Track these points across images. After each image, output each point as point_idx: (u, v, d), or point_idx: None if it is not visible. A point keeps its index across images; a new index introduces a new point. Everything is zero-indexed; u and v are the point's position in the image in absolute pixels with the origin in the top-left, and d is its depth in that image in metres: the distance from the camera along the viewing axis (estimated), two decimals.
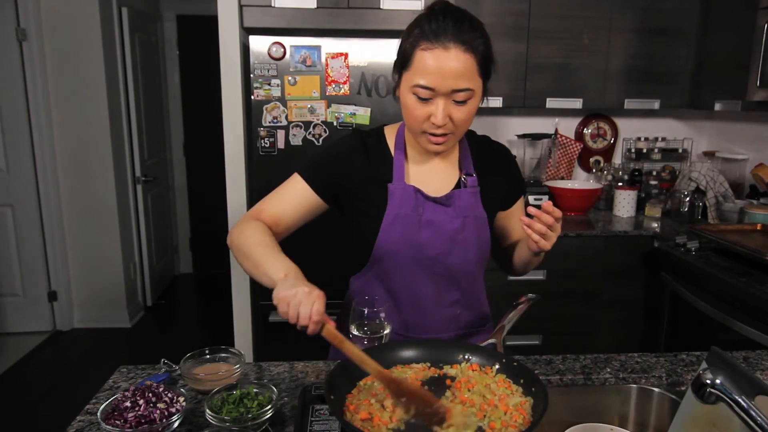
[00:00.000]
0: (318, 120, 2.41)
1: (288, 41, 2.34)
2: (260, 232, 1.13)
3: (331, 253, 1.28)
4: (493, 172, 1.26)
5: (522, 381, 0.96)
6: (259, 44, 2.34)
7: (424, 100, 1.07)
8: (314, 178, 1.21)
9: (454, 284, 1.24)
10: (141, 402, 0.95)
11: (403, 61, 1.10)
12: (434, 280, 1.21)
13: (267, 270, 1.04)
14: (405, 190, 1.18)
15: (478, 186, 1.23)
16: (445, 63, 1.04)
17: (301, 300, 0.93)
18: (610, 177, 3.15)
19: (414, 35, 1.07)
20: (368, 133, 1.26)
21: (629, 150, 3.24)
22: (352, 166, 1.21)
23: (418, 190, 1.19)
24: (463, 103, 1.08)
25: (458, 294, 1.25)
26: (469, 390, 0.95)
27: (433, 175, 1.23)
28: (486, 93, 1.16)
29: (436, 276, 1.21)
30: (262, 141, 2.42)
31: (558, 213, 1.07)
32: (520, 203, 1.33)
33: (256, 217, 1.19)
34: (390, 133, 1.25)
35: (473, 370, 1.00)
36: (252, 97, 2.38)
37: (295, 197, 1.21)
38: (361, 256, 1.24)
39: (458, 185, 1.22)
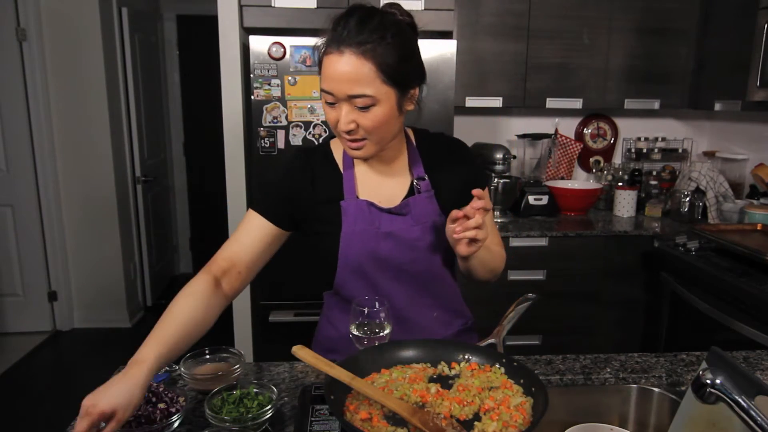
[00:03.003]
0: (318, 120, 2.41)
1: (288, 41, 2.34)
2: (174, 304, 1.09)
3: (306, 261, 1.27)
4: (446, 169, 1.22)
5: (522, 381, 0.96)
6: (259, 44, 2.34)
7: (331, 105, 1.05)
8: (266, 208, 1.18)
9: (424, 289, 1.22)
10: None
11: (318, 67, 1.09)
12: (404, 289, 1.20)
13: None
14: (358, 205, 1.15)
15: (432, 189, 1.19)
16: (339, 68, 1.00)
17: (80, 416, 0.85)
18: (610, 177, 3.15)
19: (324, 40, 1.05)
20: (312, 150, 1.23)
21: (629, 150, 3.24)
22: (297, 186, 1.18)
23: (371, 204, 1.15)
24: (365, 109, 1.03)
25: (431, 298, 1.24)
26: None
27: (384, 184, 1.19)
28: (404, 101, 1.08)
29: (405, 285, 1.20)
30: (262, 141, 2.42)
31: (480, 205, 1.01)
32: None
33: (207, 270, 1.15)
34: (336, 146, 1.22)
35: (472, 370, 1.00)
36: (252, 97, 2.38)
37: (251, 232, 1.17)
38: (326, 274, 1.21)
39: (411, 191, 1.19)
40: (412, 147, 1.23)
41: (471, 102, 2.79)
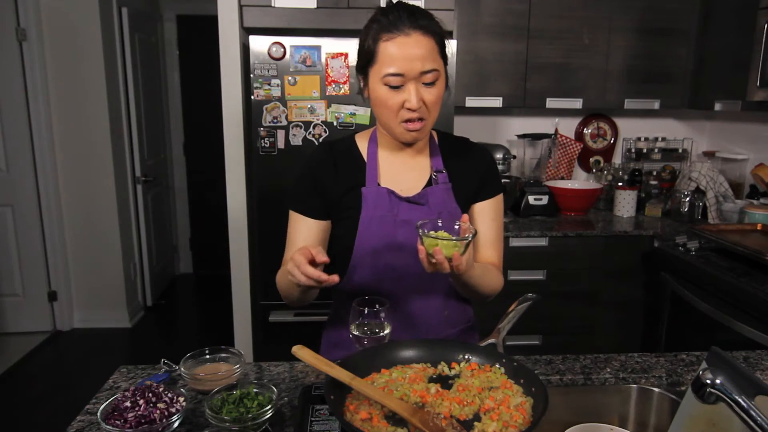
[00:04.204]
0: (318, 120, 2.41)
1: (288, 41, 2.34)
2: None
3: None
4: (464, 168, 1.27)
5: (522, 381, 0.96)
6: (259, 44, 2.34)
7: (396, 88, 1.11)
8: (305, 206, 1.23)
9: (437, 283, 1.24)
10: (141, 402, 0.95)
11: (368, 58, 1.14)
12: (416, 281, 1.22)
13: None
14: (378, 192, 1.20)
15: (449, 182, 1.24)
16: (409, 48, 1.09)
17: (293, 270, 0.98)
18: (610, 177, 3.15)
19: (374, 31, 1.12)
20: (337, 141, 1.29)
21: (629, 150, 3.24)
22: (324, 177, 1.23)
23: (391, 192, 1.20)
24: (431, 84, 1.12)
25: (442, 294, 1.26)
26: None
27: (405, 174, 1.24)
28: (447, 78, 1.19)
29: (417, 276, 1.21)
30: (262, 141, 2.42)
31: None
32: (491, 205, 1.29)
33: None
34: (361, 140, 1.28)
35: (472, 370, 1.00)
36: (252, 97, 2.38)
37: (302, 233, 1.23)
38: (340, 264, 1.24)
39: (430, 183, 1.24)
40: (434, 143, 1.29)
41: (471, 102, 2.79)
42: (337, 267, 1.25)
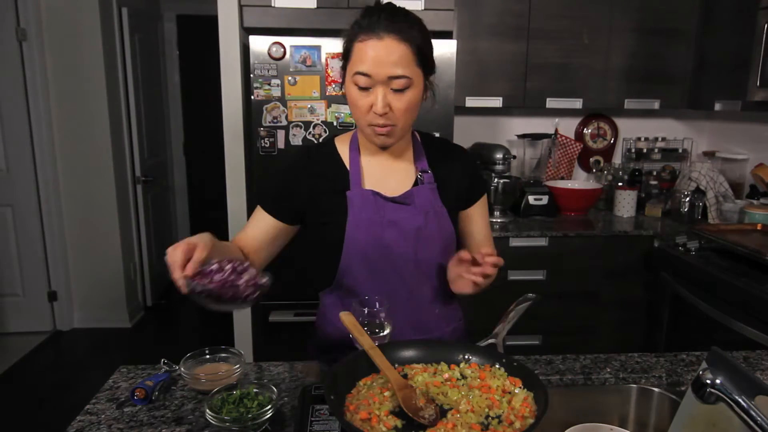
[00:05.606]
0: (318, 120, 2.41)
1: (288, 41, 2.34)
2: None
3: (306, 261, 1.30)
4: (449, 169, 1.28)
5: (522, 381, 0.96)
6: (259, 44, 2.34)
7: (365, 90, 1.11)
8: (271, 205, 1.24)
9: (426, 282, 1.25)
10: (228, 267, 0.93)
11: (344, 57, 1.15)
12: (406, 279, 1.22)
13: None
14: (364, 195, 1.20)
15: (434, 182, 1.25)
16: (380, 51, 1.08)
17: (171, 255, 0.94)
18: (610, 177, 3.15)
19: (353, 31, 1.12)
20: (318, 145, 1.30)
21: (629, 150, 3.24)
22: (302, 181, 1.23)
23: (376, 193, 1.20)
24: (401, 91, 1.11)
25: (432, 292, 1.27)
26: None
27: (389, 175, 1.25)
28: (428, 88, 1.18)
29: (406, 276, 1.22)
30: (262, 141, 2.42)
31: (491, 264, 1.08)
32: (481, 206, 1.34)
33: None
34: (342, 143, 1.28)
35: (472, 370, 1.00)
36: (252, 97, 2.38)
37: (257, 227, 1.23)
38: (328, 269, 1.24)
39: (415, 183, 1.25)
40: (418, 144, 1.29)
41: (471, 102, 2.79)
42: (326, 271, 1.25)
